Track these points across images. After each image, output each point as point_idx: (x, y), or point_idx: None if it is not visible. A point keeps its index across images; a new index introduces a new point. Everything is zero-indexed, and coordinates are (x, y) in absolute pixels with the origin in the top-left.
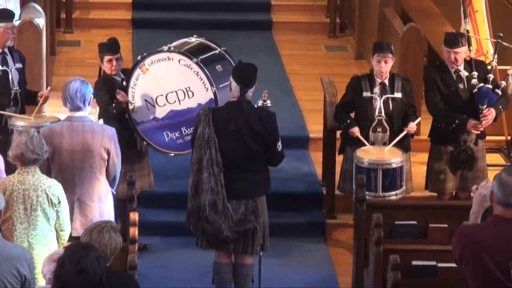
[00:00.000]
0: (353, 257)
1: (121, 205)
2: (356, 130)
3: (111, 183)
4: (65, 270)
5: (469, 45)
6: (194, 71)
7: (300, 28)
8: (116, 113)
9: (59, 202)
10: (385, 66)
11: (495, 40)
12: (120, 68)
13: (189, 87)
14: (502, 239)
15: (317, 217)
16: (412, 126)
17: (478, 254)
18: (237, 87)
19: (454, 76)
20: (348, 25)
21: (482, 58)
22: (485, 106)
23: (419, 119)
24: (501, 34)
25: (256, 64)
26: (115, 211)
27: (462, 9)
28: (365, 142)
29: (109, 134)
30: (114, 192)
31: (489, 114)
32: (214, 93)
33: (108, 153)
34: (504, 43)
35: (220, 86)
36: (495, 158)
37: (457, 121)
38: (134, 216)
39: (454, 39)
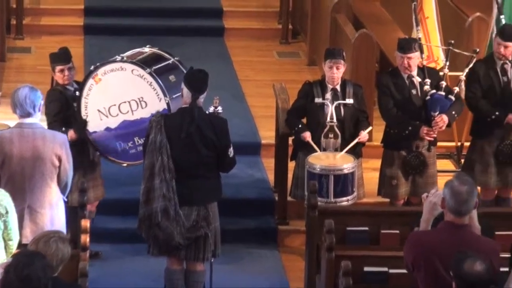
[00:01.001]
0: (305, 263)
1: (73, 213)
2: (307, 135)
3: (63, 190)
4: (10, 278)
5: (421, 51)
6: (147, 81)
7: (252, 35)
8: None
9: (7, 212)
10: (336, 72)
11: (446, 47)
12: (73, 77)
13: (142, 97)
14: (453, 246)
15: (269, 223)
16: (364, 135)
17: (430, 260)
18: (189, 93)
19: (407, 82)
20: (300, 31)
21: (433, 65)
22: (437, 113)
23: (370, 128)
24: (452, 41)
25: (208, 70)
26: (66, 218)
27: (413, 16)
28: (316, 148)
29: (60, 140)
30: (66, 199)
31: (441, 121)
32: (168, 104)
33: (60, 160)
34: (456, 50)
35: (174, 96)
36: (446, 164)
37: (410, 128)
38: (85, 223)
39: (408, 44)
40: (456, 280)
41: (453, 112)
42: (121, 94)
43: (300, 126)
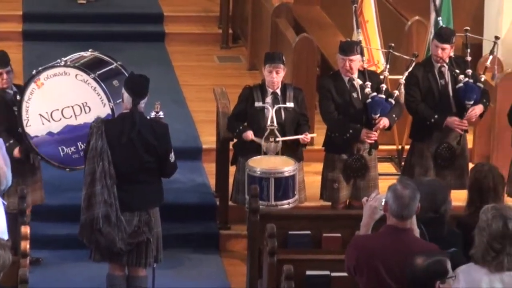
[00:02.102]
0: (247, 267)
1: (13, 219)
2: (249, 133)
3: (1, 192)
4: None
5: (362, 54)
6: (92, 87)
7: (192, 39)
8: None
9: None
10: (276, 77)
11: (387, 51)
12: (11, 81)
13: (86, 102)
14: (395, 249)
15: (210, 228)
16: (307, 136)
17: (373, 264)
18: (129, 99)
19: (348, 85)
20: (241, 36)
21: (373, 68)
22: (378, 115)
23: (314, 135)
24: (393, 45)
25: (148, 76)
26: (7, 223)
27: (354, 18)
28: (260, 141)
29: None
30: (5, 203)
31: (382, 123)
32: (112, 109)
33: None
34: (396, 53)
35: (117, 101)
36: (387, 167)
37: (351, 131)
38: (26, 229)
39: (350, 47)
40: (410, 281)
41: (394, 115)
42: (64, 98)
43: (241, 127)
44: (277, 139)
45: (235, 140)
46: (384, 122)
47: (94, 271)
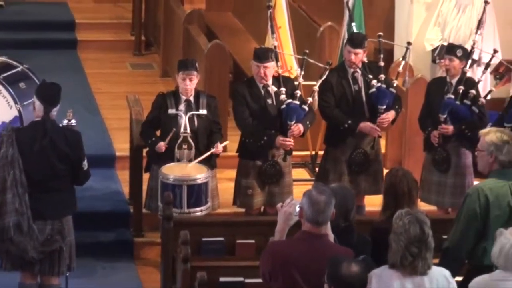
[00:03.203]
0: (160, 275)
1: None
2: (162, 145)
3: None
4: None
5: (277, 61)
6: None
7: (105, 46)
8: None
9: None
10: (189, 84)
11: (301, 57)
12: None
13: None
14: (310, 255)
15: (124, 235)
16: (219, 148)
17: (288, 270)
18: (41, 106)
19: (262, 91)
20: (153, 43)
21: (286, 74)
22: (293, 122)
23: (226, 142)
24: (307, 51)
25: (61, 83)
26: None
27: (269, 24)
28: (173, 132)
29: None
30: None
31: (297, 130)
32: (19, 111)
33: None
34: (310, 60)
35: (25, 103)
36: (301, 173)
37: (265, 137)
38: None
39: (264, 54)
40: (334, 284)
41: (307, 122)
42: None
43: (154, 139)
44: (190, 164)
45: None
46: (300, 128)
47: (5, 280)
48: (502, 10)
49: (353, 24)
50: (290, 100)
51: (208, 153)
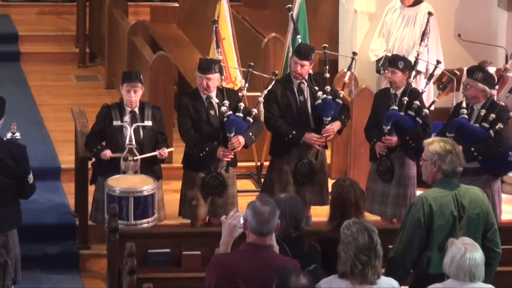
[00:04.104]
0: (107, 287)
1: None
2: (107, 152)
3: None
4: None
5: (221, 73)
6: None
7: (49, 59)
8: None
9: None
10: (134, 96)
11: (246, 69)
12: None
13: None
14: (255, 267)
15: (70, 248)
16: (164, 151)
17: (234, 282)
18: None
19: (205, 103)
20: (98, 55)
21: (230, 85)
22: (233, 134)
23: (172, 149)
24: (252, 64)
25: (4, 96)
26: None
27: (215, 39)
28: (119, 155)
29: None
30: None
31: (236, 142)
32: None
33: None
34: (255, 72)
35: None
36: (246, 184)
37: (207, 149)
38: None
39: (207, 65)
40: None
41: (250, 134)
42: None
43: (99, 147)
44: (135, 157)
45: (94, 159)
46: (239, 141)
47: None
48: (444, 20)
49: (298, 36)
50: (230, 112)
51: (153, 153)
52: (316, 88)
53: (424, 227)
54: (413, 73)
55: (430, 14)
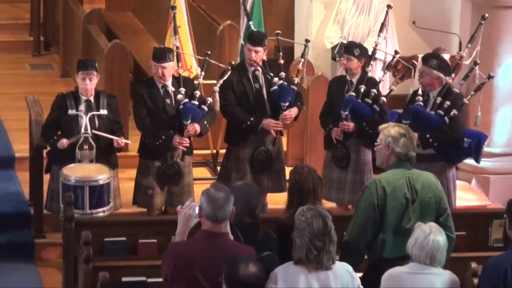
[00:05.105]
0: (62, 276)
1: None
2: (64, 141)
3: None
4: None
5: (178, 61)
6: None
7: (2, 47)
8: None
9: None
10: (90, 84)
11: (203, 58)
12: None
13: None
14: (211, 254)
15: (25, 237)
16: (122, 140)
17: (190, 270)
18: None
19: (161, 91)
20: (53, 43)
21: (186, 74)
22: (189, 121)
23: (129, 142)
24: (209, 52)
25: None
26: None
27: (173, 25)
28: (77, 137)
29: None
30: None
31: (192, 129)
32: None
33: None
34: (211, 61)
35: None
36: (202, 172)
37: (163, 137)
38: None
39: (162, 54)
40: (231, 286)
41: (205, 122)
42: None
43: (55, 137)
44: (92, 132)
45: (48, 148)
46: (195, 128)
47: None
48: (399, 8)
49: (250, 22)
50: (186, 100)
51: (111, 136)
52: (271, 74)
53: (377, 210)
54: (371, 63)
55: (389, 7)
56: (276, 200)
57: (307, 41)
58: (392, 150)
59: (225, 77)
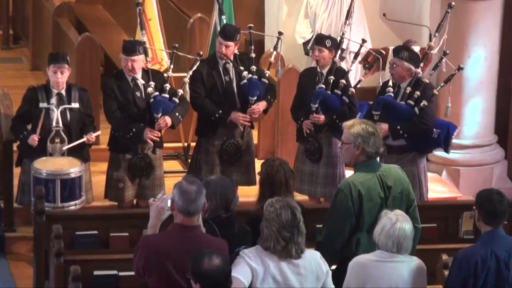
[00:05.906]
0: (33, 270)
1: None
2: (35, 138)
3: None
4: None
5: (146, 54)
6: None
7: None
8: None
9: None
10: (61, 77)
11: (171, 51)
12: None
13: None
14: (184, 247)
15: None
16: (92, 135)
17: (162, 263)
18: None
19: (131, 84)
20: (22, 36)
21: (157, 66)
22: (160, 114)
23: (99, 133)
24: (177, 45)
25: None
26: None
27: (139, 21)
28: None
29: None
30: None
31: (163, 122)
32: None
33: None
34: (180, 53)
35: None
36: (173, 165)
37: (134, 130)
38: None
39: (132, 47)
40: (198, 280)
41: (177, 114)
42: None
43: (25, 133)
44: (64, 148)
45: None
46: (166, 121)
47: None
48: (369, 0)
49: (223, 17)
50: (156, 93)
51: (81, 140)
52: (242, 68)
53: (353, 214)
54: (339, 52)
55: None
56: (247, 193)
57: (280, 33)
58: (363, 149)
59: (194, 68)
